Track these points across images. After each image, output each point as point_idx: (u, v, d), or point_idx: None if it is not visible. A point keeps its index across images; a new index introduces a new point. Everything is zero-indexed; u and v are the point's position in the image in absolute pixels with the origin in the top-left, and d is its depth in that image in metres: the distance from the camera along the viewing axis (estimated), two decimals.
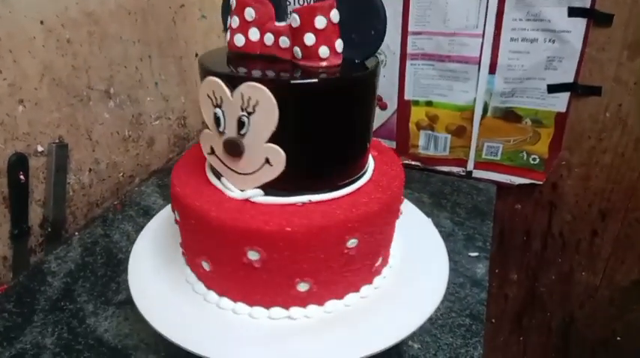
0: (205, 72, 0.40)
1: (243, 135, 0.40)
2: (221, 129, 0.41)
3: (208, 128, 0.42)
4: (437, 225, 0.58)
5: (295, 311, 0.44)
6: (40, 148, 0.63)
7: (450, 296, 0.58)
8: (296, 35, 0.40)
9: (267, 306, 0.44)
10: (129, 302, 0.56)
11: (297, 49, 0.41)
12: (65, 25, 0.65)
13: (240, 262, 0.41)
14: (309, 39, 0.40)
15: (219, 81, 0.39)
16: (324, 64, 0.41)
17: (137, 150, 0.82)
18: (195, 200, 0.42)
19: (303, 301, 0.44)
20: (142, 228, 0.69)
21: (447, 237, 0.68)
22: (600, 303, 0.91)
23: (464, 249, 0.67)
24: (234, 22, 0.42)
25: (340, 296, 0.45)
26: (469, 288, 0.60)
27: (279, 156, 0.40)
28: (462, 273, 0.62)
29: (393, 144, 0.92)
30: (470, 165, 0.88)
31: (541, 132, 0.82)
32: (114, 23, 0.72)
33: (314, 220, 0.40)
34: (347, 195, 0.44)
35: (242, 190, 0.43)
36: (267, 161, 0.40)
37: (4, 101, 0.58)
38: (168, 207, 0.59)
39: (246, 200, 0.42)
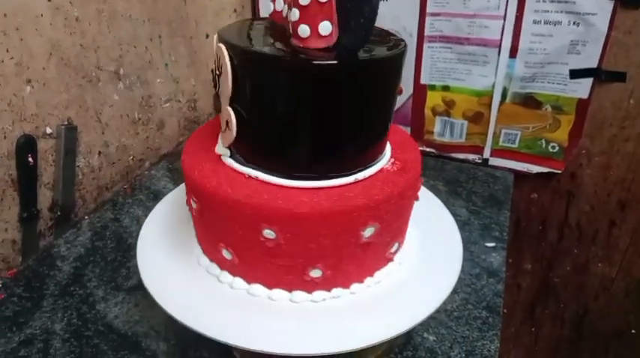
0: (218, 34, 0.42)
1: (219, 94, 0.41)
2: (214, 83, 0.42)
3: None
4: (452, 213, 0.56)
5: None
6: (48, 130, 0.62)
7: (465, 287, 0.57)
8: (288, 9, 0.39)
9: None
10: (139, 288, 0.55)
11: (290, 25, 0.39)
12: (73, 2, 0.63)
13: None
14: (294, 15, 0.37)
15: (214, 38, 0.41)
16: (308, 44, 0.38)
17: (147, 133, 0.81)
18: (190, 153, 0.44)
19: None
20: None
21: (462, 226, 0.67)
22: (615, 296, 0.90)
23: (480, 239, 0.65)
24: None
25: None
26: (485, 279, 0.59)
27: (232, 122, 0.40)
28: (477, 264, 0.61)
29: (408, 130, 0.89)
30: (486, 153, 0.86)
31: (561, 119, 0.79)
32: (123, 1, 0.70)
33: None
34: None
35: (221, 146, 0.44)
36: (227, 124, 0.41)
37: (10, 81, 0.57)
38: (175, 190, 0.58)
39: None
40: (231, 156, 0.43)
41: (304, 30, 0.37)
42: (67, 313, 0.53)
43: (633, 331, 0.91)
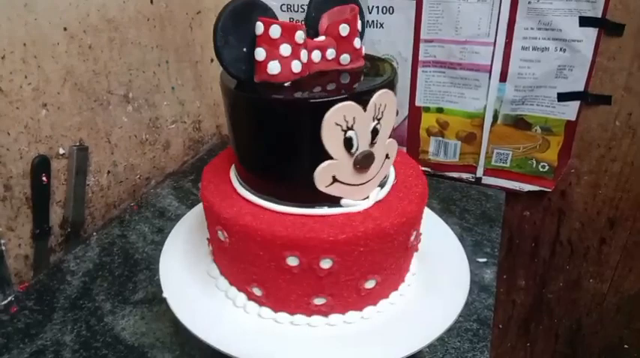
0: (328, 103, 0.38)
1: (375, 143, 0.41)
2: (353, 149, 0.40)
3: (330, 157, 0.40)
4: None
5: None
6: (61, 151, 0.65)
7: None
8: (346, 43, 0.43)
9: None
10: (145, 301, 0.58)
11: (345, 56, 0.44)
12: (87, 31, 0.67)
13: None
14: (357, 42, 0.44)
15: (352, 102, 0.38)
16: (362, 62, 0.45)
17: (153, 153, 0.84)
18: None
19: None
20: (158, 229, 0.72)
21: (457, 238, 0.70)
22: (608, 311, 0.92)
23: (472, 255, 0.68)
24: (285, 50, 0.40)
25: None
26: (477, 294, 0.61)
27: (394, 146, 0.44)
28: (469, 279, 0.63)
29: (404, 150, 0.93)
30: (479, 172, 0.89)
31: (550, 140, 0.82)
32: (133, 29, 0.74)
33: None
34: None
35: (366, 198, 0.43)
36: (387, 156, 0.44)
37: (28, 105, 0.60)
38: (189, 212, 0.60)
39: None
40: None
41: (363, 50, 0.45)
42: (77, 325, 0.55)
43: (626, 346, 0.93)
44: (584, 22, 0.73)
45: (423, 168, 0.91)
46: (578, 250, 0.90)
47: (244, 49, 0.40)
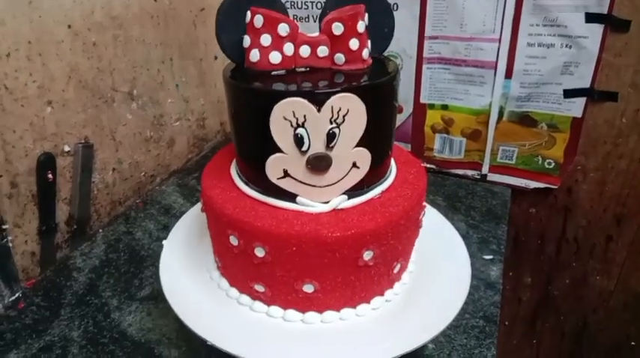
0: (276, 96, 0.38)
1: (332, 147, 0.40)
2: (304, 148, 0.40)
3: (280, 151, 0.40)
4: None
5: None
6: (67, 148, 0.66)
7: None
8: (339, 42, 0.42)
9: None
10: (152, 298, 0.58)
11: (339, 56, 0.43)
12: (91, 28, 0.67)
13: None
14: (354, 44, 0.42)
15: (303, 100, 0.38)
16: (365, 65, 0.43)
17: (158, 151, 0.84)
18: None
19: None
20: (163, 226, 0.72)
21: (462, 240, 0.70)
22: (614, 308, 0.91)
23: (478, 252, 0.68)
24: (265, 40, 0.41)
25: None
26: (483, 290, 0.61)
27: (366, 157, 0.42)
28: (475, 276, 0.63)
29: (408, 147, 0.93)
30: (485, 169, 0.89)
31: (556, 136, 0.82)
32: (137, 26, 0.74)
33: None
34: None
35: (326, 202, 0.43)
36: (354, 165, 0.42)
37: (33, 103, 0.60)
38: (193, 208, 0.61)
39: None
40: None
41: (366, 53, 0.43)
42: (84, 321, 0.55)
43: (633, 343, 0.92)
44: (590, 18, 0.73)
45: (428, 166, 0.92)
46: (585, 247, 0.89)
47: (242, 36, 0.42)
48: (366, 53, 0.43)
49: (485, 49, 0.80)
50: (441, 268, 0.51)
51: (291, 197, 0.42)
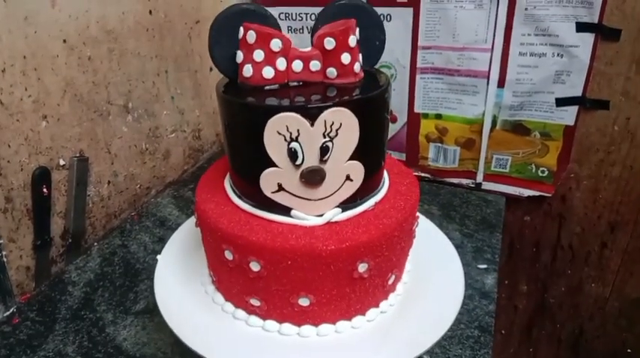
0: (270, 110, 0.39)
1: (326, 161, 0.40)
2: (298, 162, 0.40)
3: (274, 165, 0.40)
4: (446, 236, 0.59)
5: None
6: (62, 162, 0.66)
7: None
8: (331, 56, 0.43)
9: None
10: (147, 311, 0.58)
11: (331, 70, 0.43)
12: (86, 42, 0.67)
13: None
14: (346, 58, 0.42)
15: (296, 114, 0.38)
16: (357, 79, 0.44)
17: (154, 163, 0.85)
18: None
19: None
20: (158, 238, 0.72)
21: (455, 248, 0.70)
22: (610, 315, 0.92)
23: (473, 261, 0.68)
24: (258, 55, 0.41)
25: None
26: (478, 300, 0.61)
27: (359, 170, 0.42)
28: (470, 285, 0.63)
29: (403, 156, 0.93)
30: (479, 177, 0.89)
31: (549, 145, 0.83)
32: (132, 40, 0.75)
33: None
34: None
35: (320, 215, 0.43)
36: (348, 178, 0.42)
37: (28, 117, 0.61)
38: (188, 221, 0.61)
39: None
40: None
41: (357, 67, 0.44)
42: (79, 336, 0.55)
43: (629, 350, 0.92)
44: (581, 27, 0.73)
45: (423, 174, 0.92)
46: (580, 255, 0.90)
47: (235, 51, 0.42)
48: (357, 67, 0.44)
49: (478, 59, 0.80)
50: (434, 279, 0.51)
51: (285, 210, 0.43)
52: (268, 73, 0.42)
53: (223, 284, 0.48)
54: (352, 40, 0.42)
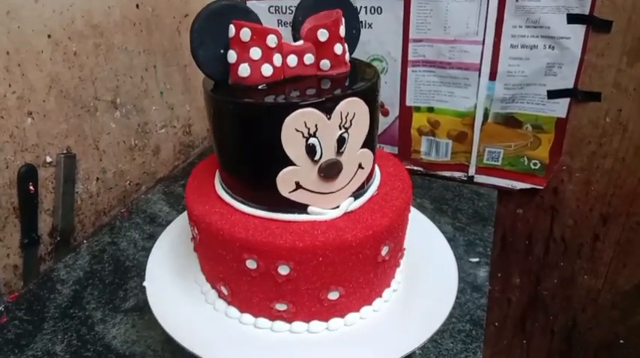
0: (287, 109, 0.38)
1: (342, 152, 0.41)
2: (317, 157, 0.40)
3: (292, 164, 0.40)
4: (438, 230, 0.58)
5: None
6: (48, 159, 0.65)
7: None
8: (324, 48, 0.42)
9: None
10: (136, 309, 0.58)
11: (325, 62, 0.43)
12: (72, 37, 0.66)
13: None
14: (339, 48, 0.43)
15: (314, 109, 0.38)
16: (347, 69, 0.44)
17: (143, 159, 0.84)
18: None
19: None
20: (148, 235, 0.71)
21: (447, 242, 0.70)
22: (603, 307, 0.92)
23: (465, 255, 0.68)
24: (255, 53, 0.40)
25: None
26: (469, 294, 0.61)
27: (369, 157, 0.43)
28: (462, 279, 0.63)
29: (395, 150, 0.93)
30: (471, 171, 0.89)
31: (541, 137, 0.82)
32: (119, 34, 0.74)
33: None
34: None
35: (336, 207, 0.43)
36: (360, 166, 0.43)
37: (13, 114, 0.60)
38: (179, 218, 0.60)
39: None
40: None
41: (347, 57, 0.44)
42: (67, 335, 0.55)
43: (622, 341, 0.93)
44: (572, 19, 0.73)
45: (415, 168, 0.92)
46: (572, 247, 0.90)
47: (221, 51, 0.40)
48: (347, 56, 0.44)
49: (469, 52, 0.80)
50: (426, 257, 0.53)
51: (301, 208, 0.42)
52: (267, 70, 0.41)
53: (241, 295, 0.45)
54: (342, 30, 0.43)
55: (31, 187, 0.62)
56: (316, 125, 0.38)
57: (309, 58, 0.43)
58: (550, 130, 0.81)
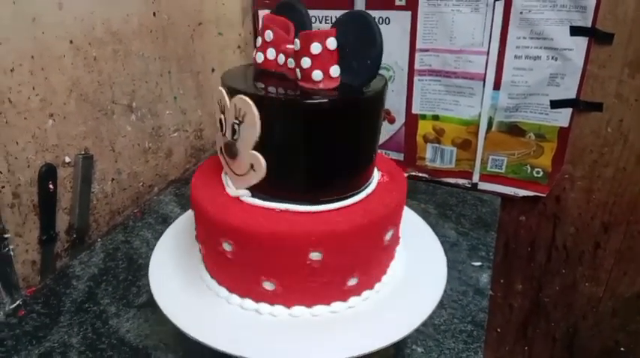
0: (221, 82, 0.46)
1: (236, 140, 0.44)
2: (223, 132, 0.46)
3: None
4: (442, 235, 0.61)
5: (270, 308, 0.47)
6: (67, 159, 0.67)
7: (453, 303, 0.61)
8: (297, 58, 0.44)
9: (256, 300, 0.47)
10: (149, 305, 0.60)
11: (297, 71, 0.44)
12: (92, 43, 0.69)
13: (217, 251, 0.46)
14: (305, 62, 0.43)
15: (224, 91, 0.44)
16: (319, 86, 0.43)
17: (156, 161, 0.86)
18: (200, 195, 0.48)
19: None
20: (160, 235, 0.73)
21: (451, 246, 0.72)
22: (603, 314, 0.93)
23: (467, 259, 0.70)
24: (258, 41, 0.48)
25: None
26: (472, 296, 0.63)
27: (260, 164, 0.44)
28: (465, 282, 0.65)
29: (401, 156, 0.95)
30: (475, 178, 0.91)
31: (544, 146, 0.84)
32: (136, 41, 0.77)
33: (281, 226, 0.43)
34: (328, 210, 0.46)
35: (237, 188, 0.47)
36: (252, 167, 0.44)
37: (35, 115, 0.62)
38: (184, 215, 0.63)
39: (237, 198, 0.47)
40: (253, 196, 0.46)
41: (317, 74, 0.43)
42: (83, 328, 0.57)
43: (622, 349, 0.94)
44: (575, 31, 0.75)
45: (420, 174, 0.94)
46: (574, 254, 0.91)
47: None
48: (317, 75, 0.43)
49: (474, 62, 0.82)
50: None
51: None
52: (259, 58, 0.48)
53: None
54: (315, 47, 0.42)
55: (51, 186, 0.65)
56: (224, 105, 0.44)
57: (290, 62, 0.45)
58: (553, 139, 0.83)
